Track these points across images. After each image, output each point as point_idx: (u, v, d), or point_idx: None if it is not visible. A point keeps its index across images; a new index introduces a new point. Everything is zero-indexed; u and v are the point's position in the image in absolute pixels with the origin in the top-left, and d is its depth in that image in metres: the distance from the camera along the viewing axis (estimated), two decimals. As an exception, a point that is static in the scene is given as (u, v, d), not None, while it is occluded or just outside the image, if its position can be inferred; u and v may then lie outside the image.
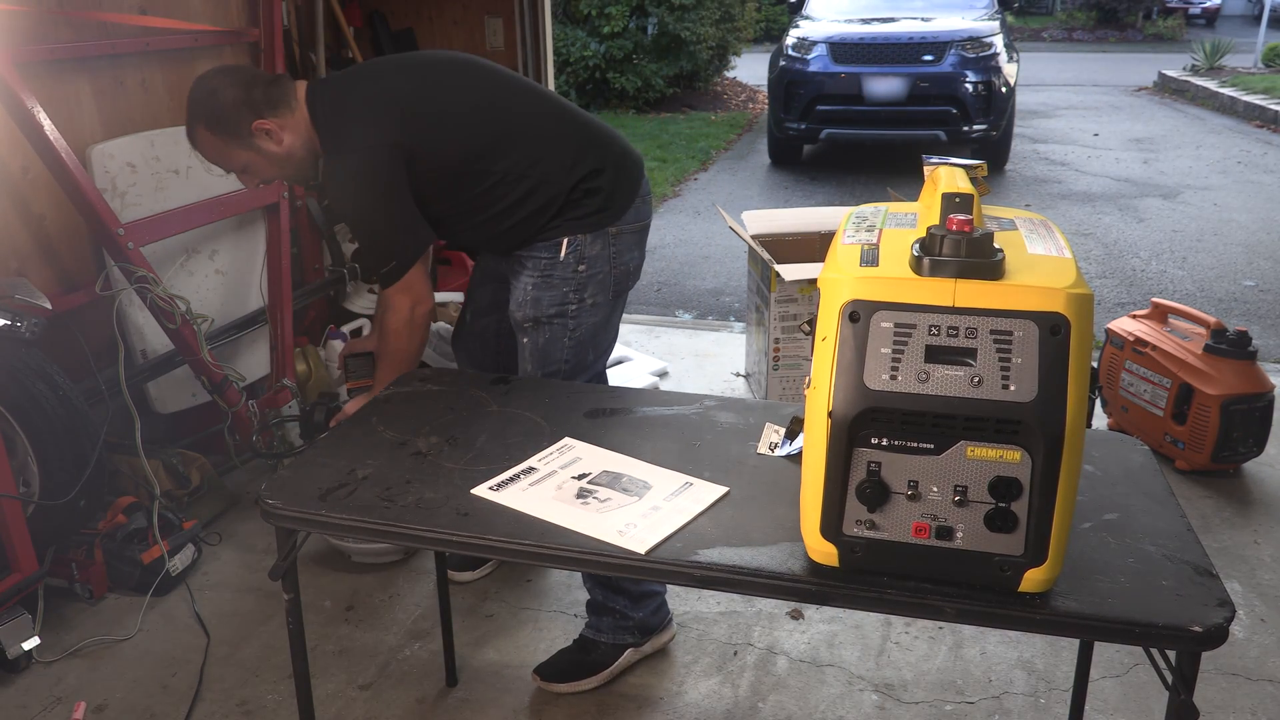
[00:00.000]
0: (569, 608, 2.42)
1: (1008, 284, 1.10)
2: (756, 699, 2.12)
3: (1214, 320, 3.01)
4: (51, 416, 2.28)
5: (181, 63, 3.06)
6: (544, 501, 1.44)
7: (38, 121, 2.31)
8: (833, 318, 1.13)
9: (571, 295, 2.06)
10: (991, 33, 7.77)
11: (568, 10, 11.15)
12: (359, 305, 3.73)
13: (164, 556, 2.44)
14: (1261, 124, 9.86)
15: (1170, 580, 1.22)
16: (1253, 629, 2.30)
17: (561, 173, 2.02)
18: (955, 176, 1.29)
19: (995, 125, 7.56)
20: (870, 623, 2.33)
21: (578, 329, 2.08)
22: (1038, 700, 2.09)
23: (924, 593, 1.18)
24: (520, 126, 2.05)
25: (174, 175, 2.90)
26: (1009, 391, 1.08)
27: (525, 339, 2.10)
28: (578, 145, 2.06)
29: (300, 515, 1.44)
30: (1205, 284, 5.13)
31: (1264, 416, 2.94)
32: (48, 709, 2.09)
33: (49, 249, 2.67)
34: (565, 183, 2.02)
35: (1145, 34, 19.96)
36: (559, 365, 2.09)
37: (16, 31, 2.47)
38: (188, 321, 2.61)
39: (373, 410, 1.77)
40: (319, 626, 2.35)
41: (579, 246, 2.04)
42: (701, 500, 1.43)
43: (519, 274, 2.09)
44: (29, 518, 2.25)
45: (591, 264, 2.05)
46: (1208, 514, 2.80)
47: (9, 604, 2.17)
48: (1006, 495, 1.11)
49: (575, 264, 2.04)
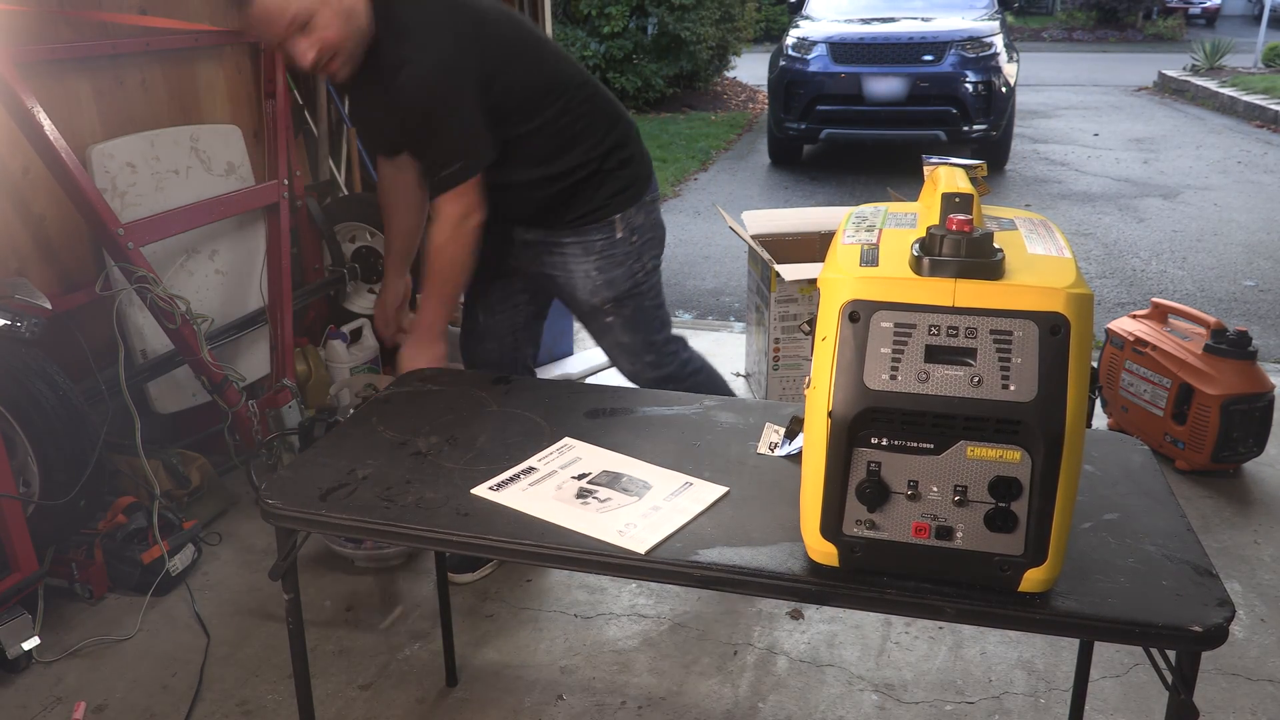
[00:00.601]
0: (569, 608, 2.42)
1: (1008, 284, 1.10)
2: (756, 699, 2.12)
3: (1214, 320, 3.01)
4: (51, 416, 2.28)
5: (181, 63, 3.06)
6: (544, 501, 1.44)
7: (38, 121, 2.31)
8: (833, 318, 1.13)
9: (636, 265, 2.24)
10: (991, 33, 7.77)
11: (568, 10, 11.15)
12: (359, 305, 3.73)
13: (164, 556, 2.44)
14: (1261, 124, 9.86)
15: (1170, 580, 1.21)
16: (1253, 629, 2.30)
17: (599, 135, 2.15)
18: (955, 176, 1.29)
19: (995, 125, 7.56)
20: (870, 623, 2.33)
21: (652, 290, 2.28)
22: (1038, 700, 2.09)
23: (924, 593, 1.18)
24: (568, 81, 2.15)
25: (174, 175, 2.90)
26: (1009, 391, 1.08)
27: (610, 319, 2.25)
28: (610, 114, 2.20)
29: (300, 515, 1.44)
30: (1205, 284, 5.13)
31: (1264, 416, 2.94)
32: (48, 709, 2.09)
33: (49, 249, 2.67)
34: (602, 147, 2.14)
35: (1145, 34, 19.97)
36: (655, 326, 2.29)
37: (16, 31, 2.47)
38: (188, 321, 2.61)
39: (373, 410, 1.77)
40: (319, 626, 2.35)
41: (629, 220, 2.20)
42: (701, 500, 1.43)
43: (569, 262, 2.20)
44: (29, 518, 2.25)
45: (641, 233, 2.23)
46: (1208, 514, 2.80)
47: (9, 604, 2.17)
48: (1006, 495, 1.11)
49: (629, 237, 2.21)
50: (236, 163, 3.15)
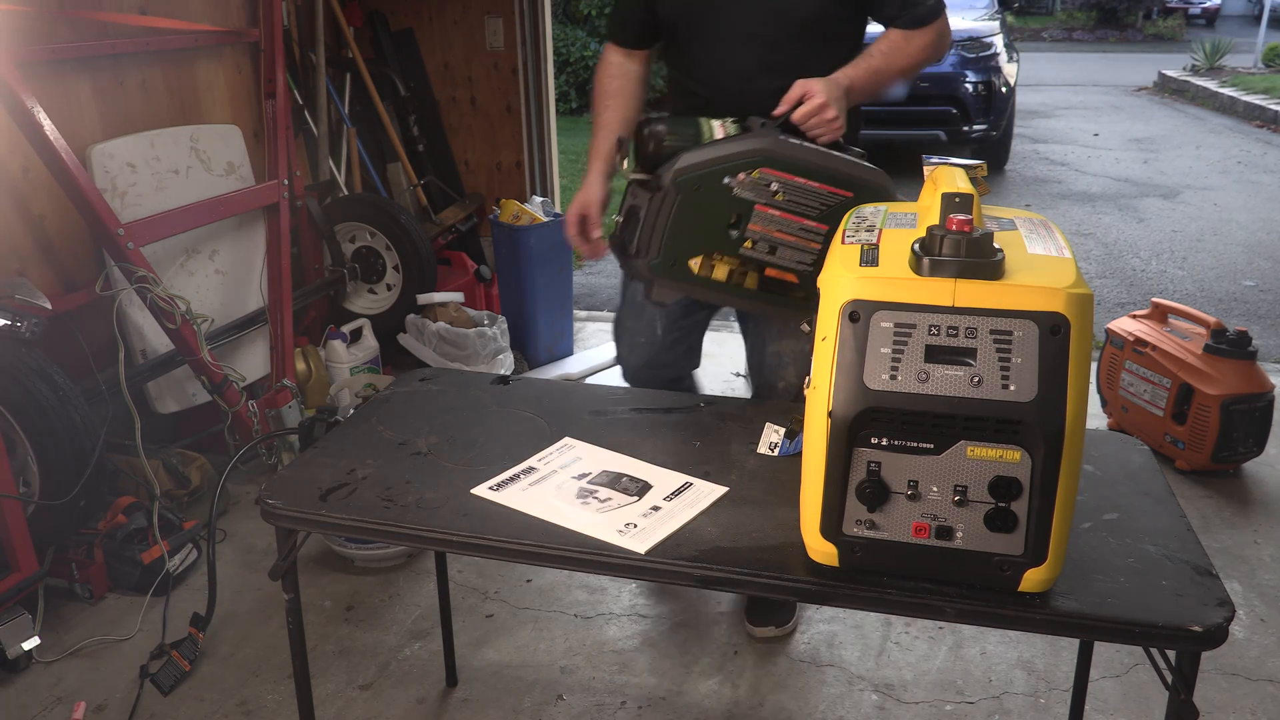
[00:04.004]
0: (569, 608, 2.42)
1: (1008, 284, 1.10)
2: (756, 699, 2.12)
3: (1214, 320, 3.01)
4: (51, 416, 2.28)
5: (181, 63, 3.06)
6: (544, 501, 1.44)
7: (38, 121, 2.31)
8: (833, 317, 1.13)
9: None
10: (991, 33, 7.77)
11: (568, 10, 11.15)
12: (359, 305, 3.74)
13: (164, 556, 2.44)
14: (1261, 124, 9.86)
15: (1170, 580, 1.22)
16: (1253, 629, 2.30)
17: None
18: (955, 176, 1.29)
19: (995, 125, 7.56)
20: (870, 623, 2.33)
21: None
22: (1038, 700, 2.09)
23: (924, 593, 1.18)
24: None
25: (174, 175, 2.90)
26: (1009, 391, 1.08)
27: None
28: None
29: (300, 515, 1.44)
30: (1205, 284, 5.13)
31: (1264, 416, 2.94)
32: (48, 709, 2.09)
33: (49, 249, 2.67)
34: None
35: (1145, 34, 19.98)
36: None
37: (17, 31, 2.47)
38: (188, 321, 2.61)
39: (373, 410, 1.77)
40: (319, 626, 2.35)
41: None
42: (701, 500, 1.43)
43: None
44: (29, 518, 2.25)
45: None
46: (1208, 514, 2.80)
47: (9, 604, 2.17)
48: (1006, 495, 1.11)
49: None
50: (236, 163, 3.15)
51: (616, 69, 2.11)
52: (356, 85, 4.03)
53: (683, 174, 1.63)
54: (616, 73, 2.11)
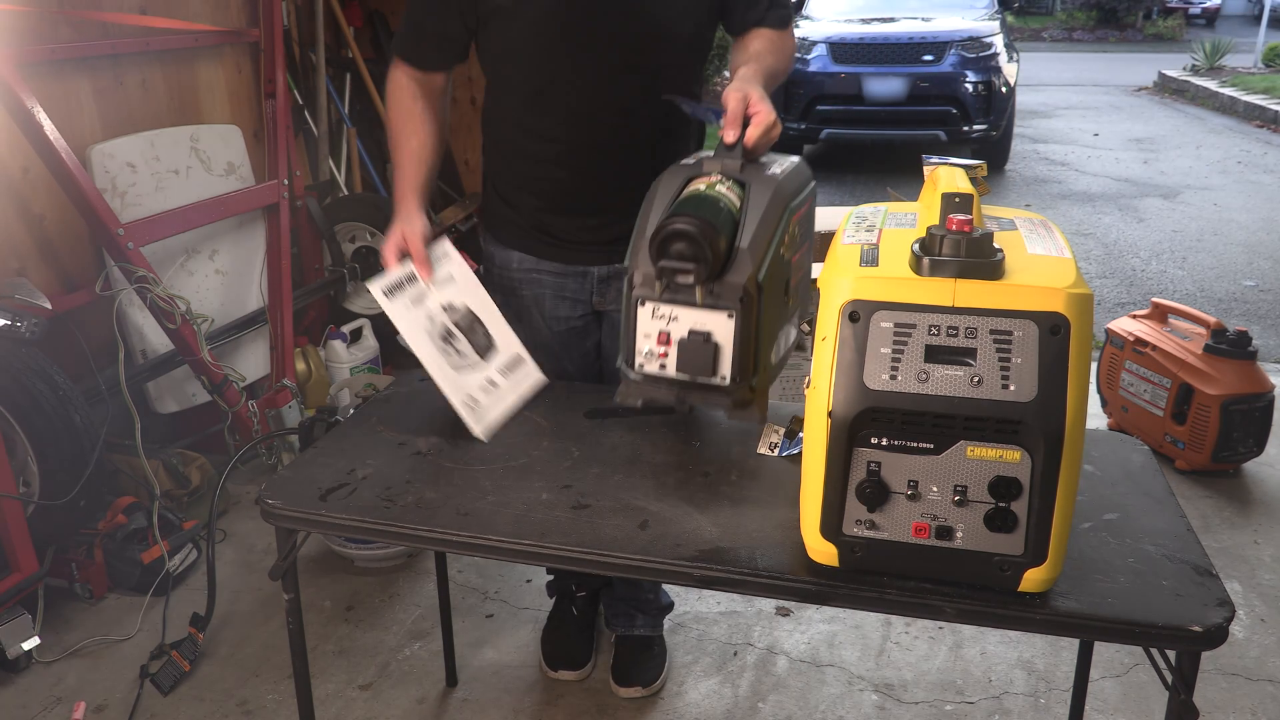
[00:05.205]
0: (569, 608, 2.42)
1: (1008, 284, 1.10)
2: (756, 699, 2.12)
3: (1214, 320, 3.01)
4: (51, 416, 2.28)
5: (181, 63, 3.06)
6: (419, 334, 1.63)
7: (38, 121, 2.31)
8: (833, 318, 1.13)
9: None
10: (991, 33, 7.77)
11: (568, 10, 11.13)
12: (359, 305, 3.73)
13: (164, 556, 2.44)
14: (1261, 124, 9.86)
15: (1170, 580, 1.21)
16: (1253, 629, 2.30)
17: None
18: (955, 176, 1.29)
19: (995, 125, 7.56)
20: (870, 623, 2.33)
21: None
22: (1038, 700, 2.09)
23: (924, 593, 1.18)
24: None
25: (174, 175, 2.90)
26: (1009, 391, 1.08)
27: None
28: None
29: (300, 515, 1.44)
30: (1205, 284, 5.13)
31: (1264, 416, 2.94)
32: (48, 709, 2.09)
33: (49, 249, 2.67)
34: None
35: (1145, 34, 19.98)
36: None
37: (17, 31, 2.47)
38: (188, 321, 2.61)
39: (373, 410, 1.77)
40: (319, 626, 2.35)
41: None
42: (520, 384, 1.70)
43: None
44: (29, 518, 2.25)
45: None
46: (1208, 514, 2.80)
47: (9, 604, 2.17)
48: (1006, 495, 1.11)
49: None
50: (236, 163, 3.15)
51: (420, 88, 1.82)
52: (356, 85, 4.03)
53: (759, 269, 1.28)
54: (420, 92, 1.82)
